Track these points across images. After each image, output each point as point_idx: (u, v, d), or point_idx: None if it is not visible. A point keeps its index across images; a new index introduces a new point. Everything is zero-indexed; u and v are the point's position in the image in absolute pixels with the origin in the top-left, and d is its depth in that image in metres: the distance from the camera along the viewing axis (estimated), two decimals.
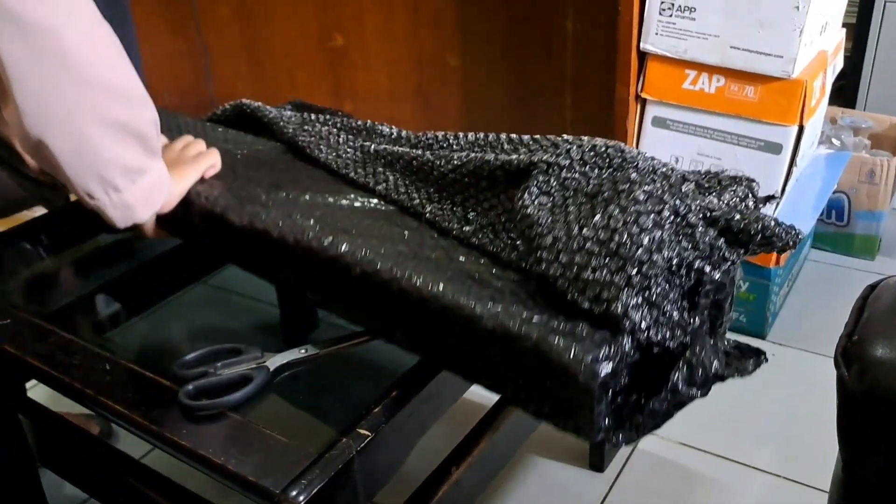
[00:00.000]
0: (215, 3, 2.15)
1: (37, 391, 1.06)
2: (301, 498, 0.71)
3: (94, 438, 1.04)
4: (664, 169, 0.88)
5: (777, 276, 1.61)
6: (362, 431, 0.77)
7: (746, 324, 1.64)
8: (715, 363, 0.72)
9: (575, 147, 0.89)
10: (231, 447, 0.77)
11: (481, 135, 1.01)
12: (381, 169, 1.02)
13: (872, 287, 0.83)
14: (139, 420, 0.81)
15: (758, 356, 0.80)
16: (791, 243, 0.79)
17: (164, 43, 2.29)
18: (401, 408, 0.81)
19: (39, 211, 1.48)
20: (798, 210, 1.56)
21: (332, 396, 0.91)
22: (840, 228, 1.90)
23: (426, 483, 0.92)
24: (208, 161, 0.99)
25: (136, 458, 0.99)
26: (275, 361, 0.88)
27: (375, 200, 0.98)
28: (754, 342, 0.98)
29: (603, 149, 0.89)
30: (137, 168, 0.83)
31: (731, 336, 0.83)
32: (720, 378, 0.73)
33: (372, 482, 0.79)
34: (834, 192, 1.81)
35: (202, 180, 0.98)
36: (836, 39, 1.63)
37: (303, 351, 0.90)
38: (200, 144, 1.02)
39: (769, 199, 0.89)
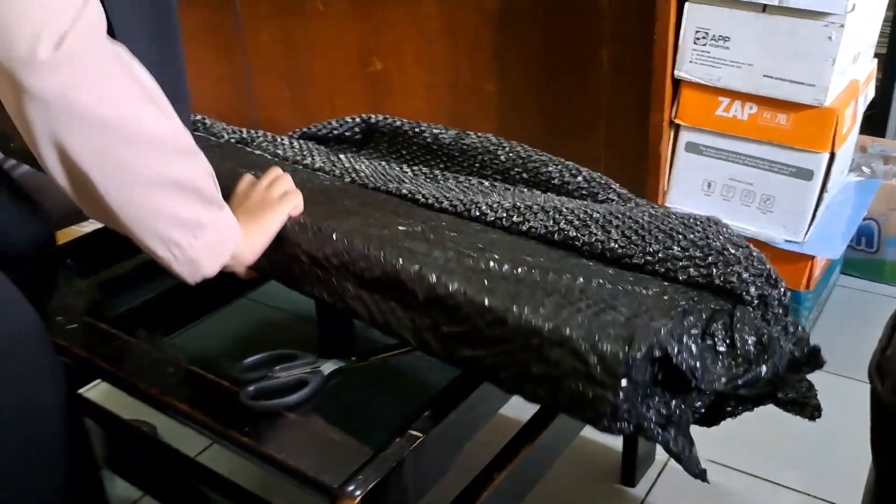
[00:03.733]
0: (260, 30, 2.23)
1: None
2: (357, 493, 0.75)
3: (152, 438, 1.08)
4: None
5: (807, 300, 1.64)
6: (414, 433, 0.81)
7: None
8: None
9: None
10: (290, 445, 0.81)
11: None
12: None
13: None
14: (204, 419, 0.86)
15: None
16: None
17: (209, 66, 2.37)
18: (449, 412, 0.85)
19: (93, 224, 1.54)
20: (828, 236, 1.59)
21: (383, 401, 0.96)
22: (870, 255, 1.93)
23: (469, 487, 0.96)
24: (291, 203, 0.97)
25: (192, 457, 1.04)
26: (328, 367, 0.93)
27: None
28: None
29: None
30: (197, 222, 0.83)
31: None
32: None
33: (422, 482, 0.84)
34: (864, 219, 1.84)
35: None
36: (867, 69, 1.67)
37: (353, 358, 0.95)
38: (287, 181, 1.00)
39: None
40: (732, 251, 0.90)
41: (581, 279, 0.85)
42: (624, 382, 0.73)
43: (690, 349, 0.78)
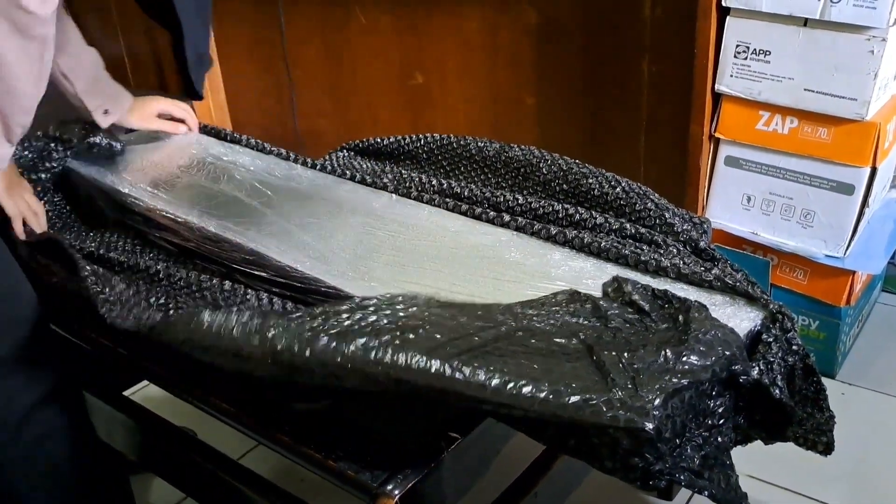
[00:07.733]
0: (304, 44, 2.27)
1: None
2: (396, 492, 0.77)
3: (195, 440, 1.11)
4: None
5: (847, 316, 1.63)
6: (453, 435, 0.83)
7: (816, 362, 1.65)
8: None
9: None
10: (330, 445, 0.83)
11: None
12: None
13: None
14: (247, 419, 0.88)
15: None
16: None
17: (253, 80, 2.42)
18: (486, 417, 0.86)
19: None
20: (869, 252, 1.58)
21: (422, 402, 0.97)
22: None
23: (506, 492, 0.97)
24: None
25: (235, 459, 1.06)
26: None
27: None
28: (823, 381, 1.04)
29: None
30: None
31: None
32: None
33: (459, 483, 0.85)
34: None
35: None
36: None
37: None
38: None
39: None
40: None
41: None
42: (648, 448, 0.72)
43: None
